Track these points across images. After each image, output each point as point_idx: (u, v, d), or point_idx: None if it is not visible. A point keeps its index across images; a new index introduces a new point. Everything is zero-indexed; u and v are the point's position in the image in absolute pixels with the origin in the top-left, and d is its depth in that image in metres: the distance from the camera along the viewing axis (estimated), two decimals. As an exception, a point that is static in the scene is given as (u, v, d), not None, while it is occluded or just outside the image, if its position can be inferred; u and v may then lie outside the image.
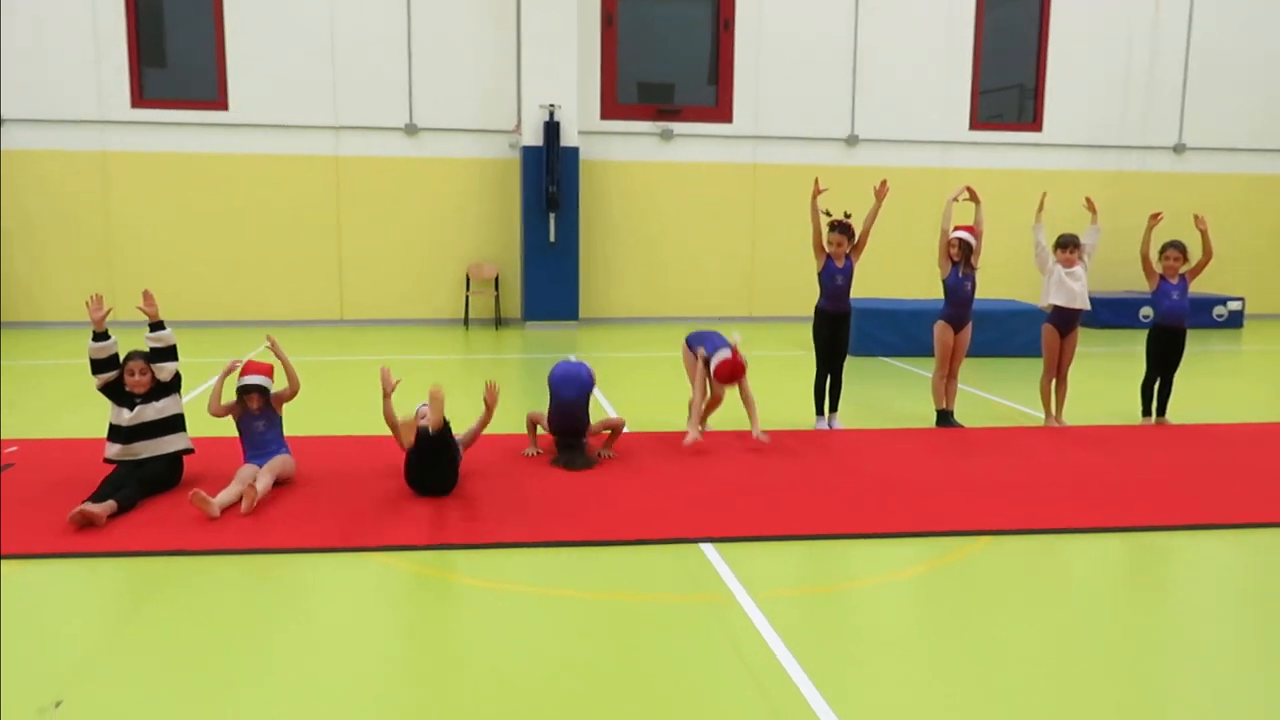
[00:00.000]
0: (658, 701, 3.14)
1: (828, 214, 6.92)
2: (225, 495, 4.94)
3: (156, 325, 5.35)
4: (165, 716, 3.02)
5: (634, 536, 4.61)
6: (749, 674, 3.29)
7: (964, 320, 7.10)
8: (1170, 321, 7.14)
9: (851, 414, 7.36)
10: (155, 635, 3.64)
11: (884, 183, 6.97)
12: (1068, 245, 7.02)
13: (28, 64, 11.88)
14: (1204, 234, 7.03)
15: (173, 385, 5.40)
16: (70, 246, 12.25)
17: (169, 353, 5.37)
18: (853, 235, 6.94)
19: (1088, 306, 7.07)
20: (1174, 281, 7.11)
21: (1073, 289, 6.97)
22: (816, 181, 6.99)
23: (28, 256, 12.21)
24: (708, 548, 4.48)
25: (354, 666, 3.37)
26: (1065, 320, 7.07)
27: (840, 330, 7.04)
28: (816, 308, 7.14)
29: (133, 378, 5.27)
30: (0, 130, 11.95)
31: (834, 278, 6.98)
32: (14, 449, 5.96)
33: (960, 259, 7.03)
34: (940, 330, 7.13)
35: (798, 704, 3.09)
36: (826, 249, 6.96)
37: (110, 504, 4.75)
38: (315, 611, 3.87)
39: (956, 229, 7.06)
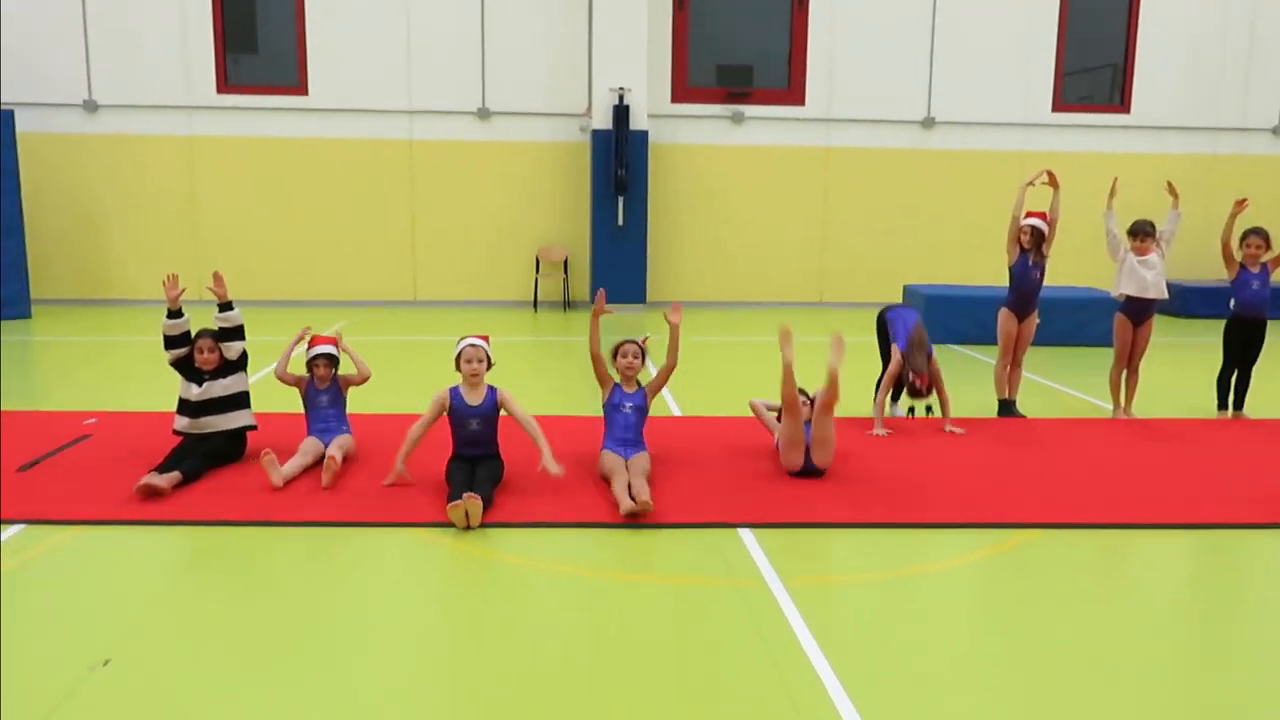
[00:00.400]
0: (674, 681, 3.16)
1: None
2: (289, 467, 5.11)
3: (225, 306, 5.56)
4: (209, 678, 3.16)
5: (673, 520, 4.64)
6: (769, 658, 3.29)
7: (1029, 309, 6.92)
8: (1250, 311, 6.84)
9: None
10: (207, 601, 3.80)
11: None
12: (1139, 233, 6.77)
13: (119, 51, 12.39)
14: None
15: (240, 363, 5.60)
16: (159, 227, 12.76)
17: (236, 332, 5.57)
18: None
19: (1163, 295, 6.82)
20: (1255, 270, 6.81)
21: (1145, 278, 6.73)
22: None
23: (121, 236, 12.76)
24: (745, 533, 4.48)
25: (391, 636, 3.48)
26: (1138, 310, 6.83)
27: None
28: (881, 310, 6.97)
29: (201, 355, 5.48)
30: (95, 115, 12.51)
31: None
32: (93, 420, 6.26)
33: (1031, 247, 6.83)
34: (1004, 318, 6.96)
35: (815, 688, 3.09)
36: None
37: (175, 475, 4.96)
38: (360, 584, 3.99)
39: (1029, 215, 6.87)
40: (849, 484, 5.22)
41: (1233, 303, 6.96)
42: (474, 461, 5.00)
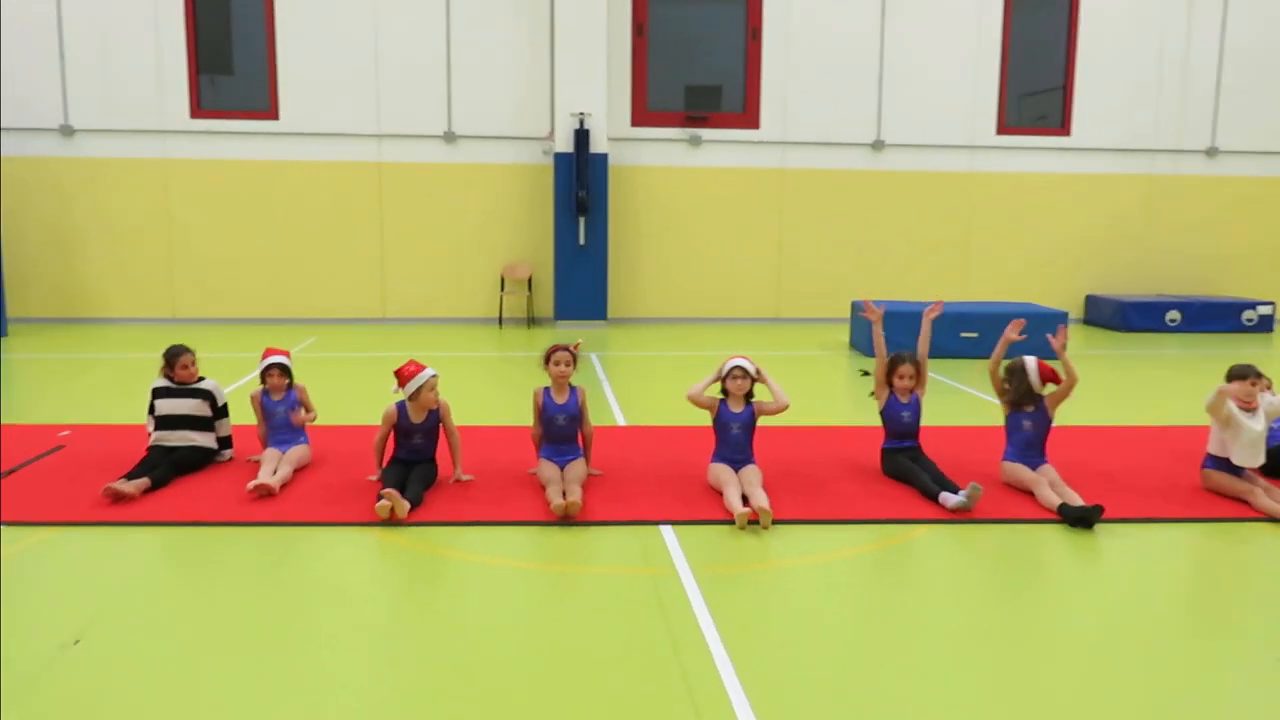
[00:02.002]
0: (579, 657, 3.58)
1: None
2: (264, 476, 5.47)
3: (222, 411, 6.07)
4: (172, 657, 3.56)
5: (601, 518, 5.07)
6: (669, 636, 3.73)
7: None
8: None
9: (833, 407, 7.68)
10: (171, 592, 4.21)
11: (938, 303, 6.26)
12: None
13: (96, 78, 12.77)
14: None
15: (218, 410, 6.01)
16: (134, 247, 13.12)
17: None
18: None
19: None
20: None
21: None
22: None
23: (97, 257, 13.10)
24: (667, 530, 4.92)
25: (343, 622, 3.89)
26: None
27: None
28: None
29: (185, 370, 5.89)
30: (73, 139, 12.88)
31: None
32: (67, 433, 6.63)
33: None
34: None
35: (707, 666, 3.51)
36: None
37: (143, 481, 5.36)
38: (316, 578, 4.40)
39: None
40: (773, 485, 5.63)
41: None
42: (410, 465, 5.45)
